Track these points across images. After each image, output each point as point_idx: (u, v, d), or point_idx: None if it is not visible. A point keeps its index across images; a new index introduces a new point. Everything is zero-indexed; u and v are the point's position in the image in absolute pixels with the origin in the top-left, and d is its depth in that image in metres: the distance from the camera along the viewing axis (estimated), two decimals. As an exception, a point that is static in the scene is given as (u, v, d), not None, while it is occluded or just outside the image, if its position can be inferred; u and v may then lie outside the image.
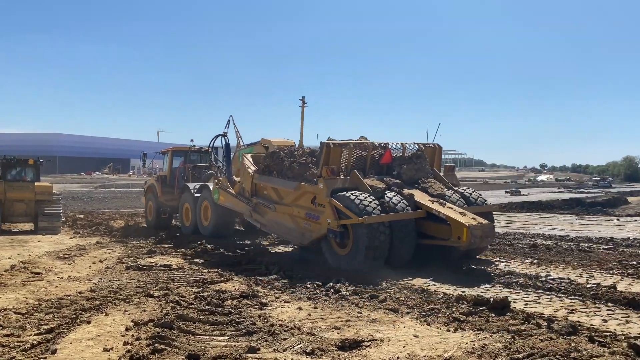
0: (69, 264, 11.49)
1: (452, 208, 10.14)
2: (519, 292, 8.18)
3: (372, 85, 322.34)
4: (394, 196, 10.14)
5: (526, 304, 7.42)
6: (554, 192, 48.08)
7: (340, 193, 10.09)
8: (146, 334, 5.80)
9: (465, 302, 7.27)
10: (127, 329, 6.07)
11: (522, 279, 8.95)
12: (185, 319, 6.40)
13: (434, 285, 8.74)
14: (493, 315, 6.72)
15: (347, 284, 8.53)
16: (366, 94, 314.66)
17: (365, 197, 9.84)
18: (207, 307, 7.03)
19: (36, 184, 19.22)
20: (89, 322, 6.43)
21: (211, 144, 16.57)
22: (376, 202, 9.85)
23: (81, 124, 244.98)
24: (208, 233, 14.91)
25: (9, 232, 18.56)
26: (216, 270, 10.23)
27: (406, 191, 10.50)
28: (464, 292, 8.09)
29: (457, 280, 9.15)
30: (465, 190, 11.53)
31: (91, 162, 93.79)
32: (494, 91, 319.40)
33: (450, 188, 11.36)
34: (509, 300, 7.14)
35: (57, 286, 8.79)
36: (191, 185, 16.16)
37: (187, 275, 9.70)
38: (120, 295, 7.90)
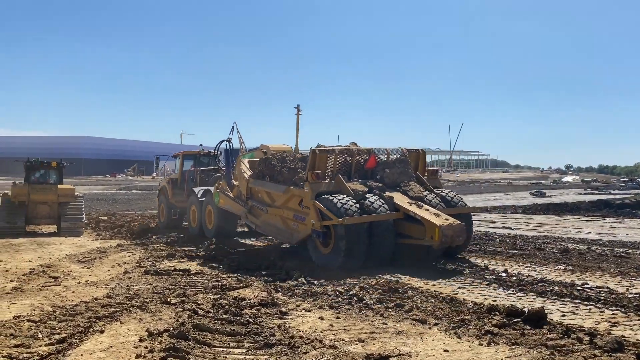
0: (87, 268, 11.36)
1: (428, 210, 10.58)
2: (554, 302, 7.68)
3: (389, 86, 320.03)
4: (374, 198, 10.67)
5: (563, 316, 6.93)
6: (580, 194, 46.69)
7: (324, 196, 10.67)
8: (160, 345, 5.52)
9: (497, 313, 6.83)
10: (140, 340, 5.80)
11: (556, 287, 8.44)
12: (201, 329, 6.11)
13: (463, 293, 8.28)
14: (528, 327, 6.27)
15: (370, 292, 8.15)
16: (384, 96, 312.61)
17: (346, 200, 10.43)
18: (224, 315, 6.73)
19: (59, 186, 19.21)
20: (102, 332, 6.18)
21: (216, 149, 17.21)
22: (356, 204, 10.42)
23: (106, 126, 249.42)
24: (212, 235, 15.43)
25: (33, 234, 18.61)
26: (235, 275, 9.96)
27: (387, 194, 10.97)
28: (495, 301, 7.64)
29: (486, 288, 8.70)
30: (445, 192, 11.96)
31: (116, 164, 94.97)
32: (518, 91, 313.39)
33: (430, 191, 11.74)
34: (545, 311, 6.66)
35: (73, 291, 8.61)
36: (196, 189, 16.81)
37: (206, 281, 9.44)
38: (137, 301, 7.66)
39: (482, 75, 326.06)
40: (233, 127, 18.37)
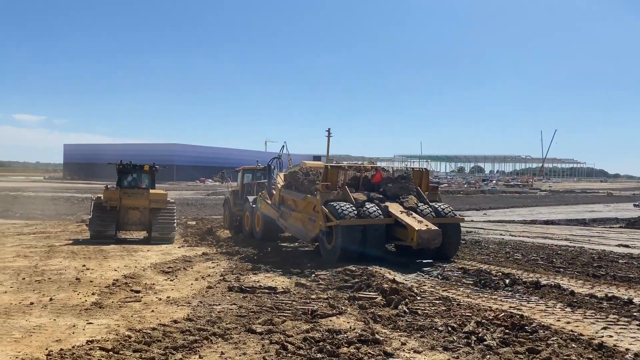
0: (171, 280, 10.80)
1: (414, 217, 12.40)
2: None
3: (477, 91, 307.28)
4: (371, 206, 12.66)
5: None
6: (695, 206, 41.39)
7: (330, 202, 12.80)
8: (243, 394, 4.50)
9: (674, 373, 5.18)
10: (221, 385, 4.83)
11: None
12: (292, 373, 5.04)
13: (610, 336, 6.61)
14: None
15: (491, 329, 6.71)
16: (472, 101, 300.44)
17: (347, 206, 12.49)
18: (318, 355, 5.62)
19: (151, 191, 18.30)
20: (177, 370, 5.29)
21: (269, 165, 19.42)
22: (354, 210, 12.45)
23: (197, 134, 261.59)
24: (259, 237, 17.56)
25: (124, 240, 18.38)
26: (326, 297, 8.86)
27: (387, 203, 12.95)
28: (660, 350, 5.94)
29: (639, 330, 6.95)
30: (440, 206, 13.64)
31: (205, 170, 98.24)
32: (617, 94, 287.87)
33: (426, 203, 13.53)
34: None
35: (152, 310, 7.91)
36: (250, 198, 19.05)
37: (294, 302, 8.41)
38: (219, 327, 6.76)
39: (577, 77, 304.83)
40: (283, 146, 22.36)
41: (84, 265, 12.51)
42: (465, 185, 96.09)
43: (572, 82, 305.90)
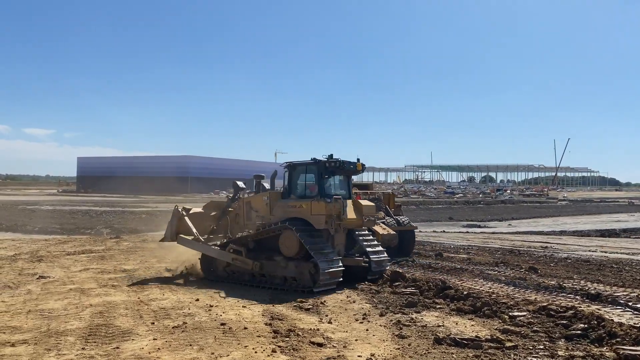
0: (329, 323, 8.67)
1: (381, 226, 16.44)
2: None
3: (488, 100, 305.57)
4: None
5: None
6: None
7: None
8: None
9: None
10: None
11: None
12: None
13: None
14: None
15: None
16: (483, 110, 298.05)
17: None
18: None
19: (362, 202, 13.29)
20: None
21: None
22: None
23: (206, 146, 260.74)
24: None
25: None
26: (582, 353, 6.67)
27: None
28: None
29: None
30: (401, 218, 18.23)
31: (218, 182, 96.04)
32: (631, 103, 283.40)
33: (391, 216, 18.06)
34: None
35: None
36: None
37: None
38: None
39: (588, 85, 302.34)
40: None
41: (197, 300, 10.33)
42: (481, 195, 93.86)
43: (582, 90, 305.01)
